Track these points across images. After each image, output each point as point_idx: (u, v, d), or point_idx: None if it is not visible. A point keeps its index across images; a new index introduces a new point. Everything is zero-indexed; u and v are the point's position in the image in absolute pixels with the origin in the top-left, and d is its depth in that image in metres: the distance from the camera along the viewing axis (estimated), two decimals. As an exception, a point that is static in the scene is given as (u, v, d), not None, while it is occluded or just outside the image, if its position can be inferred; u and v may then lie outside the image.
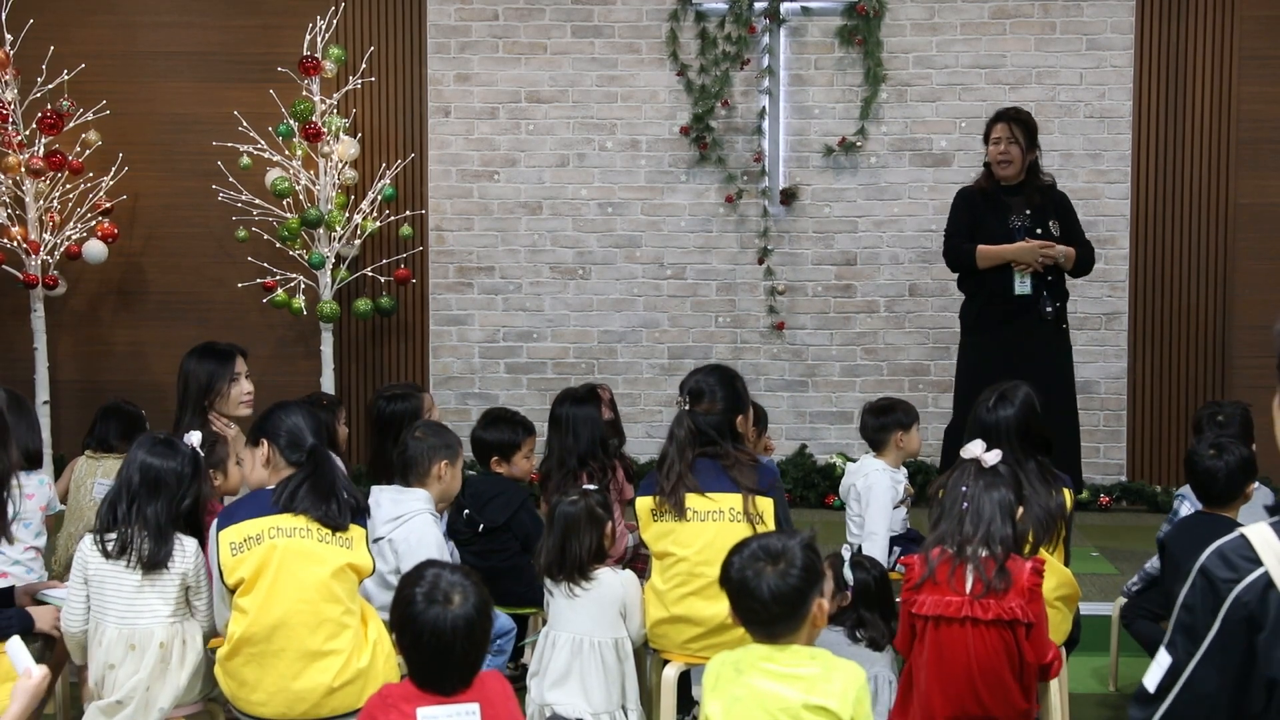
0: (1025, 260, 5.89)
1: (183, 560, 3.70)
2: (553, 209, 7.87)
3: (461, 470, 4.39)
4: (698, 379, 4.15)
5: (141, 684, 3.60)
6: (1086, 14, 7.61)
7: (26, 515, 4.43)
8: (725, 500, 3.97)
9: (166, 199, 7.93)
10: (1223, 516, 4.20)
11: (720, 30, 7.70)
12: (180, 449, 3.79)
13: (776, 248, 7.76)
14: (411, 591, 2.83)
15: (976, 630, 3.37)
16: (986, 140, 6.09)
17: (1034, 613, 3.40)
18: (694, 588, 3.95)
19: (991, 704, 3.38)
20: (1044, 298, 5.94)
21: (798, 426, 7.84)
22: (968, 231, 6.08)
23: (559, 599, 3.95)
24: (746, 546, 3.00)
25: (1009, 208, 6.00)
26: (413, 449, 4.25)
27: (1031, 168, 6.04)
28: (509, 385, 7.90)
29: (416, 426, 4.38)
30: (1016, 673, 3.40)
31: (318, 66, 7.47)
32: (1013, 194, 6.03)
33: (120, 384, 7.70)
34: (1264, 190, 7.59)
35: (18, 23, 7.54)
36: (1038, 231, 5.95)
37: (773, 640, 2.94)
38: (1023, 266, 5.90)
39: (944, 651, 3.40)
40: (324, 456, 3.73)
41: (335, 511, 3.61)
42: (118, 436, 5.09)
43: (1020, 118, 6.00)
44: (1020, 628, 3.37)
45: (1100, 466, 7.67)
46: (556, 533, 3.97)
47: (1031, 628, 3.39)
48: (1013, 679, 3.40)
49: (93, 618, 3.68)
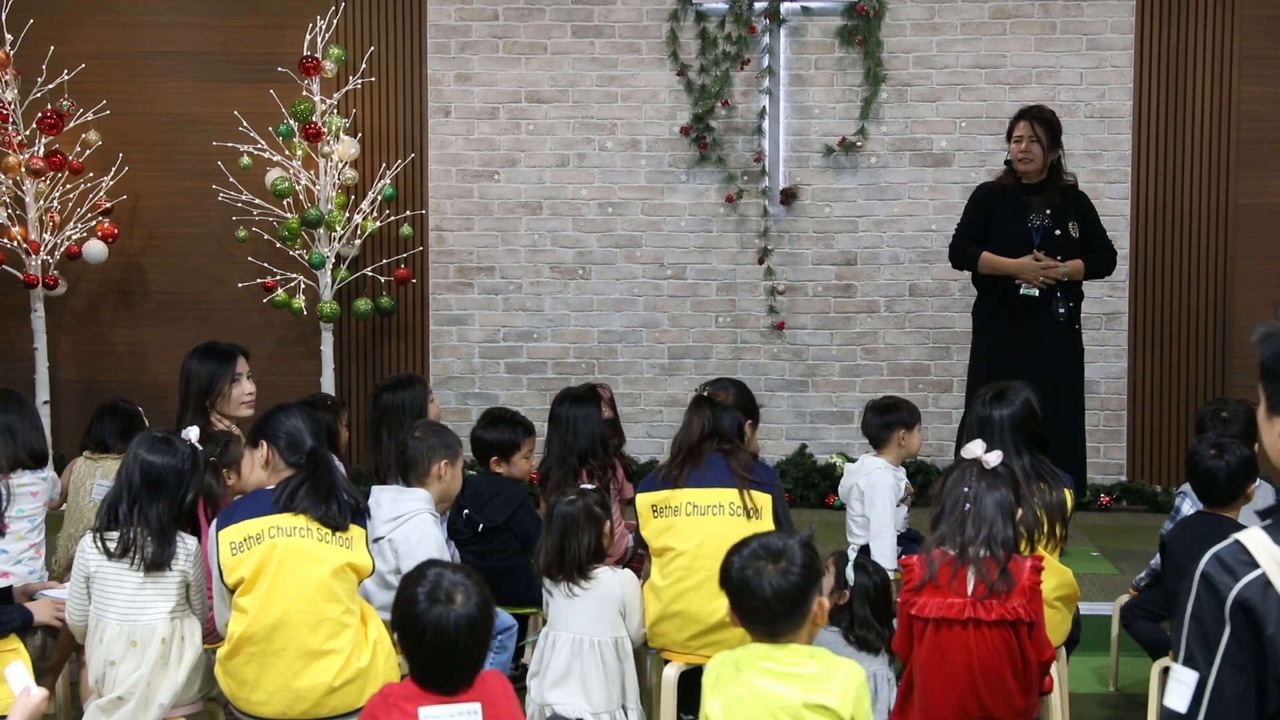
0: (1026, 278, 5.89)
1: (185, 558, 3.71)
2: (553, 209, 7.87)
3: (461, 470, 4.39)
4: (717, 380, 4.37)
5: (143, 680, 3.61)
6: (1086, 14, 7.61)
7: (31, 513, 4.44)
8: (724, 495, 4.02)
9: (166, 199, 7.93)
10: (1224, 516, 4.20)
11: (720, 30, 7.70)
12: (179, 446, 3.80)
13: (776, 248, 7.76)
14: (414, 591, 2.83)
15: (979, 631, 3.37)
16: (1009, 138, 6.07)
17: (1034, 611, 3.40)
18: (693, 583, 3.97)
19: (992, 704, 3.38)
20: (1056, 299, 5.92)
21: (798, 426, 7.84)
22: (978, 233, 6.06)
23: (558, 599, 3.95)
24: (746, 546, 2.99)
25: (1029, 206, 5.97)
26: (412, 449, 4.25)
27: (1054, 167, 6.01)
28: (509, 385, 7.90)
29: (416, 426, 4.38)
30: (1017, 673, 3.40)
31: (318, 66, 7.47)
32: (1034, 193, 6.00)
33: (120, 384, 7.70)
34: (1264, 190, 7.59)
35: (18, 23, 7.54)
36: (1056, 233, 5.93)
37: (773, 639, 2.93)
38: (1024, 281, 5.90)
39: (946, 653, 3.40)
40: (323, 458, 3.74)
41: (335, 512, 3.62)
42: (115, 436, 5.09)
43: (1043, 116, 5.98)
44: (1023, 627, 3.38)
45: (1100, 466, 7.67)
46: (555, 532, 3.97)
47: (1033, 627, 3.40)
48: (1013, 679, 3.40)
49: (94, 614, 3.69)
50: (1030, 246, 5.93)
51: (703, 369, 7.75)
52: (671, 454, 4.18)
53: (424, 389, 5.04)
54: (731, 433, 4.19)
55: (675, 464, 4.11)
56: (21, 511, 4.40)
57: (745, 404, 4.82)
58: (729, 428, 4.19)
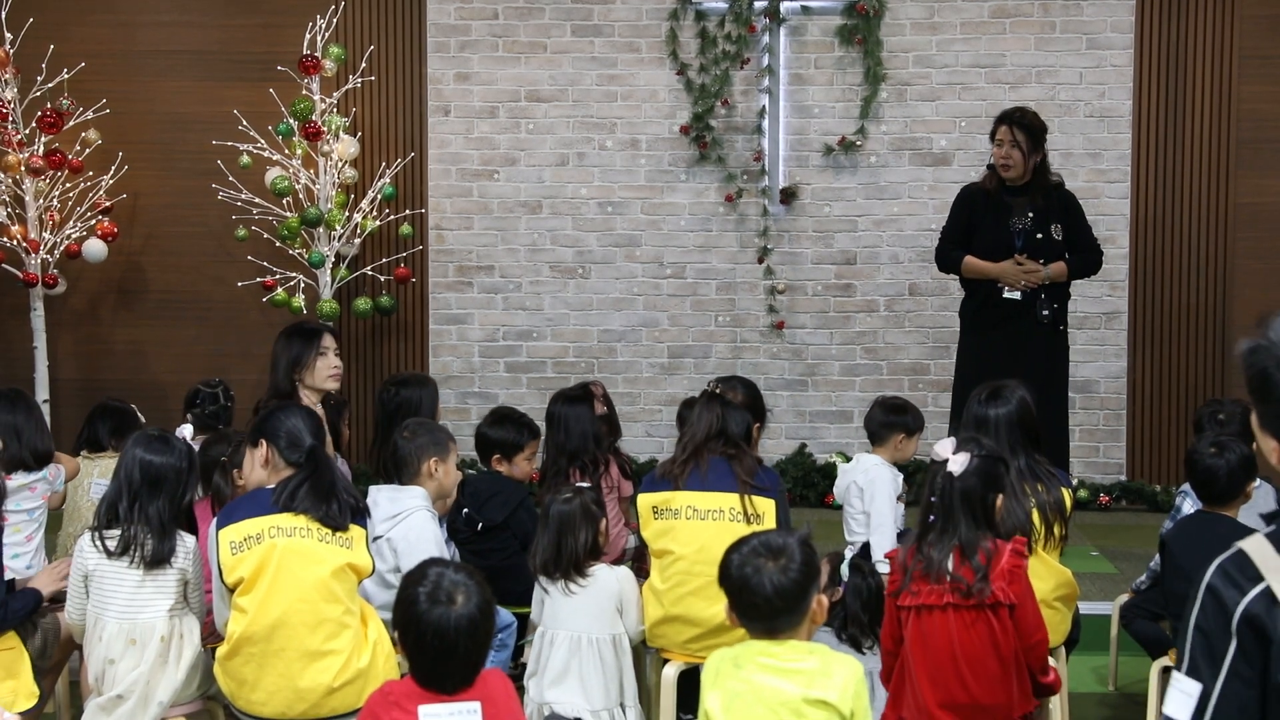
0: (1008, 282, 5.90)
1: (184, 557, 3.72)
2: (553, 208, 7.87)
3: (455, 465, 4.37)
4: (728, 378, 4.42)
5: (142, 678, 3.61)
6: (1086, 13, 7.61)
7: (30, 508, 4.45)
8: (725, 500, 4.00)
9: (166, 198, 7.93)
10: (1223, 516, 4.20)
11: (720, 29, 7.69)
12: (175, 444, 3.81)
13: (776, 247, 7.76)
14: (415, 591, 2.83)
15: (958, 615, 3.37)
16: (992, 139, 6.05)
17: (1015, 594, 3.36)
18: (692, 587, 3.96)
19: (978, 690, 3.37)
20: (1040, 301, 5.90)
21: (798, 426, 7.84)
22: (962, 235, 6.06)
23: (556, 597, 3.95)
24: (746, 544, 2.98)
25: (1011, 209, 5.96)
26: (402, 449, 4.24)
27: (1038, 169, 5.98)
28: (509, 384, 7.90)
29: (405, 425, 4.36)
30: (1003, 658, 3.38)
31: (318, 65, 7.47)
32: (1017, 195, 5.98)
33: (120, 383, 7.70)
34: (1264, 190, 7.59)
35: (17, 22, 7.54)
36: (1039, 236, 5.92)
37: (773, 636, 2.93)
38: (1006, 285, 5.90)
39: (928, 639, 3.40)
40: (323, 457, 3.74)
41: (335, 511, 3.61)
42: (110, 435, 5.13)
43: (1023, 120, 5.92)
44: (1003, 610, 3.35)
45: (1100, 466, 7.68)
46: (551, 530, 3.97)
47: (1014, 609, 3.37)
48: (998, 664, 3.37)
49: (92, 613, 3.69)
50: (1013, 249, 5.92)
51: (702, 368, 7.75)
52: (677, 450, 4.16)
53: (435, 392, 5.07)
54: (739, 435, 4.15)
55: (678, 461, 4.09)
56: (19, 506, 4.41)
57: (754, 405, 4.82)
58: (737, 429, 4.15)
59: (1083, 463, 7.54)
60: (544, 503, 4.12)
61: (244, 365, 7.87)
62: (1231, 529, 3.92)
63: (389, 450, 4.31)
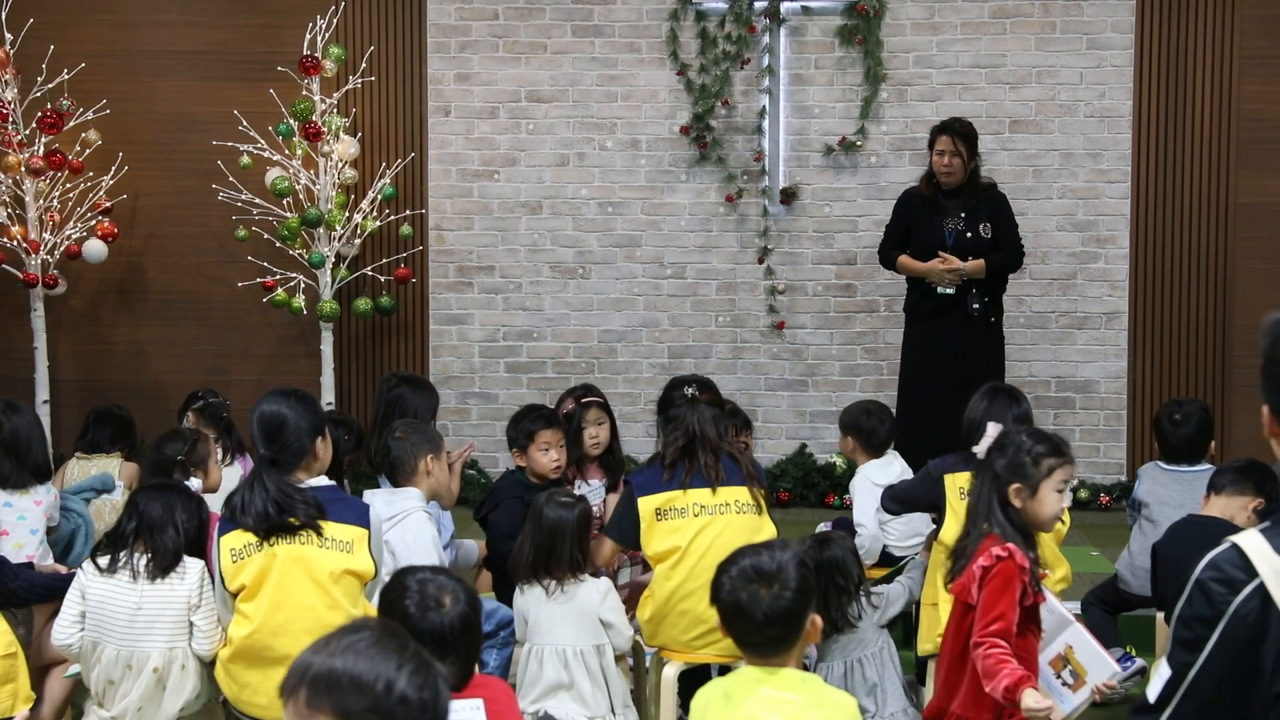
0: (935, 280, 6.24)
1: (185, 581, 3.69)
2: (553, 208, 7.87)
3: (447, 463, 4.35)
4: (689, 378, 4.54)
5: (133, 705, 3.61)
6: (1086, 14, 7.61)
7: (34, 523, 4.44)
8: (732, 494, 4.05)
9: (166, 198, 7.93)
10: (1211, 519, 4.23)
11: (720, 30, 7.69)
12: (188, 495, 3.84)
13: (776, 247, 7.76)
14: (403, 605, 2.84)
15: (951, 613, 3.42)
16: (930, 148, 6.27)
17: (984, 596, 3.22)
18: (700, 583, 3.95)
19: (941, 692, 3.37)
20: (971, 295, 6.22)
21: (798, 426, 7.84)
22: (900, 236, 6.43)
23: (537, 614, 3.92)
24: (735, 564, 2.87)
25: (945, 211, 6.30)
26: (396, 449, 4.21)
27: (972, 173, 6.30)
28: (509, 385, 7.90)
29: (395, 426, 4.33)
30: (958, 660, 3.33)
31: (318, 66, 7.47)
32: (951, 197, 6.31)
33: (120, 383, 7.71)
34: (1264, 190, 7.58)
35: (17, 22, 7.54)
36: (968, 235, 6.25)
37: (765, 659, 2.83)
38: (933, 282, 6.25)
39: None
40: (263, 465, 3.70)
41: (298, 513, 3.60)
42: (109, 441, 5.16)
43: (963, 131, 6.24)
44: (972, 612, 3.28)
45: (1100, 466, 7.68)
46: (544, 534, 3.94)
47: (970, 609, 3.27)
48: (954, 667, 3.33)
49: (91, 637, 3.68)
50: (945, 248, 6.24)
51: (703, 369, 7.74)
52: (671, 452, 4.15)
53: (435, 401, 5.03)
54: (724, 431, 4.23)
55: (681, 467, 4.10)
56: (23, 519, 4.40)
57: (718, 400, 4.82)
58: (722, 426, 4.23)
59: (1083, 463, 7.53)
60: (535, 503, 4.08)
61: (244, 365, 7.89)
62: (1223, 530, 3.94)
63: (382, 452, 4.28)
